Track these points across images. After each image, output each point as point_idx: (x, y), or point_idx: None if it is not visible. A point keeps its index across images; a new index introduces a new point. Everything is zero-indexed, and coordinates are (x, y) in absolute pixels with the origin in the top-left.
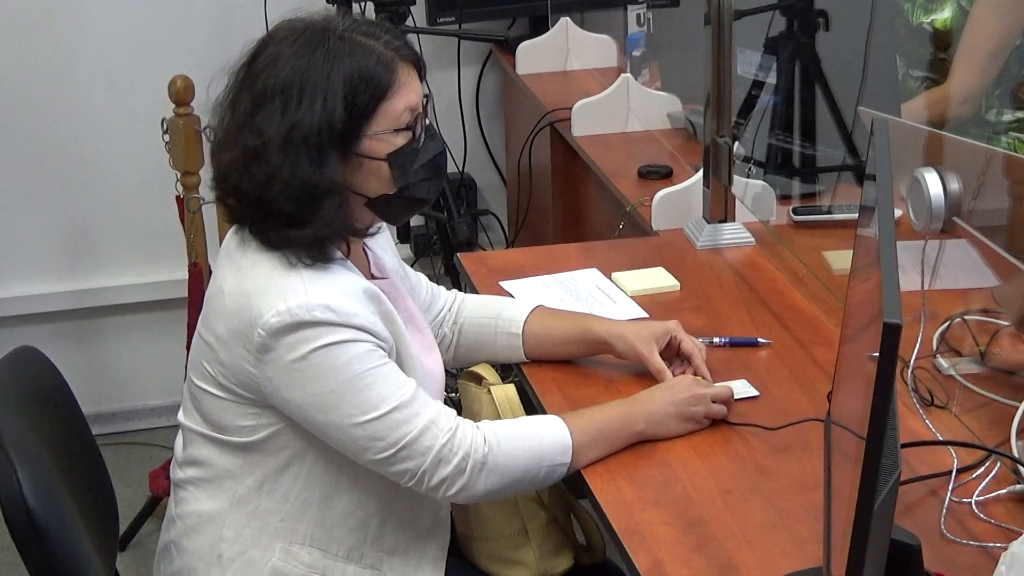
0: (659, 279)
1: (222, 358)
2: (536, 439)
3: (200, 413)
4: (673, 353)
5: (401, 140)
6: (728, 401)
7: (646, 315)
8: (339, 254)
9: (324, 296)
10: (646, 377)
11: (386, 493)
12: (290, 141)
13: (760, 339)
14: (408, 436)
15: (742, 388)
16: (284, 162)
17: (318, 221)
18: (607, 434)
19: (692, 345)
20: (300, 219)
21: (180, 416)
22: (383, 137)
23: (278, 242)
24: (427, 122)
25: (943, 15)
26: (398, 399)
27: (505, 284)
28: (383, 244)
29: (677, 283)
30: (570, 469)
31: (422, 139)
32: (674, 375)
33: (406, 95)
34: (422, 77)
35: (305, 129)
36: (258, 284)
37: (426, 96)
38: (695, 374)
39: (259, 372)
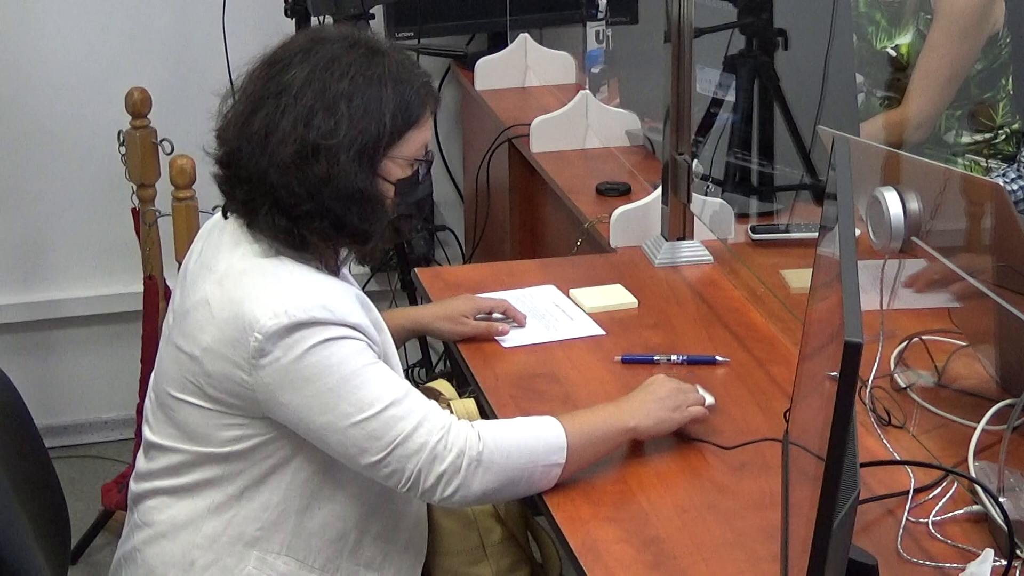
0: (617, 296)
1: (209, 369)
2: (531, 437)
3: (174, 425)
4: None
5: (410, 171)
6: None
7: (603, 332)
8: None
9: (319, 296)
10: (602, 392)
11: (367, 506)
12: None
13: (718, 357)
14: (402, 434)
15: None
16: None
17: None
18: (600, 433)
19: (496, 302)
20: (353, 225)
21: (146, 431)
22: (401, 162)
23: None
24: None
25: (906, 40)
26: (392, 396)
27: None
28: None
29: (635, 300)
30: (564, 471)
31: (421, 176)
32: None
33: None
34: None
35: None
36: (249, 292)
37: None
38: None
39: (253, 379)
